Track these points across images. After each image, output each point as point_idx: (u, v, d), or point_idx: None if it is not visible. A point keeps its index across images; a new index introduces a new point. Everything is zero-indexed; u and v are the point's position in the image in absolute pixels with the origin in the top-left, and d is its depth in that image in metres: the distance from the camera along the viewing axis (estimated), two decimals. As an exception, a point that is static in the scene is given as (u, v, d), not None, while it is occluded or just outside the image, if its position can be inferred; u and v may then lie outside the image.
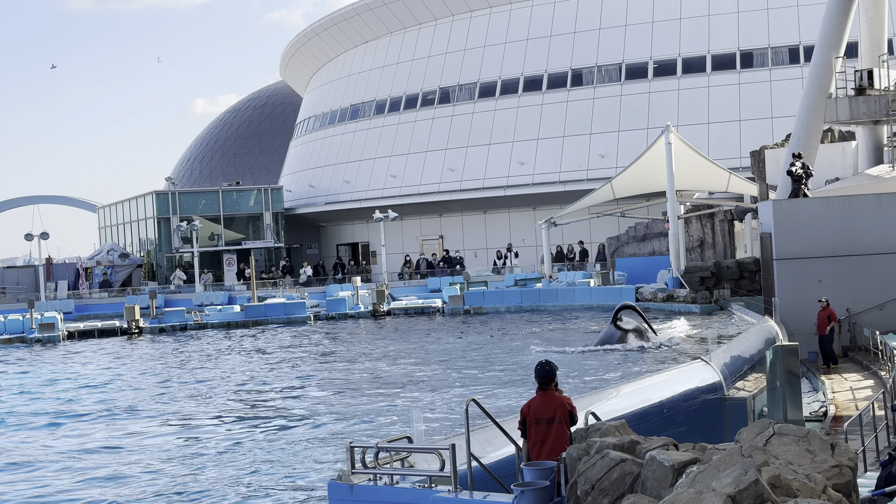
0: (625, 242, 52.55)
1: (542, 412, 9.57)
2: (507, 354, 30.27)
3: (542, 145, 58.77)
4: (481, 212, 63.17)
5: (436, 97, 64.33)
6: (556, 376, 9.80)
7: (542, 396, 9.69)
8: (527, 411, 9.68)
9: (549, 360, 9.92)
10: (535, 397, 9.76)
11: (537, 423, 9.55)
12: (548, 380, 9.73)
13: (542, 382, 9.73)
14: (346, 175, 68.20)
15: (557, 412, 9.52)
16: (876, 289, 26.37)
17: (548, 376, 9.74)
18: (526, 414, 9.68)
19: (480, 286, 49.08)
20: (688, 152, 43.19)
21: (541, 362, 9.90)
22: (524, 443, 9.73)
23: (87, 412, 24.39)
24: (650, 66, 57.13)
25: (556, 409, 9.54)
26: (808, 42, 47.95)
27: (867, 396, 19.37)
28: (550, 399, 9.66)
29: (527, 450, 9.65)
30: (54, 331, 42.63)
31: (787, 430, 8.10)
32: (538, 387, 9.76)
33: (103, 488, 16.79)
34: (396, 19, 67.44)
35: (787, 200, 28.75)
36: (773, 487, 6.87)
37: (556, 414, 9.52)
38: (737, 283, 39.51)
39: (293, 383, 27.36)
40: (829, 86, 32.46)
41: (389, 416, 21.24)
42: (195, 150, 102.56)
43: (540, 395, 9.72)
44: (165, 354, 36.26)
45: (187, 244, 63.10)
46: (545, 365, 9.82)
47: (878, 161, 33.64)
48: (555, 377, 9.79)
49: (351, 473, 9.84)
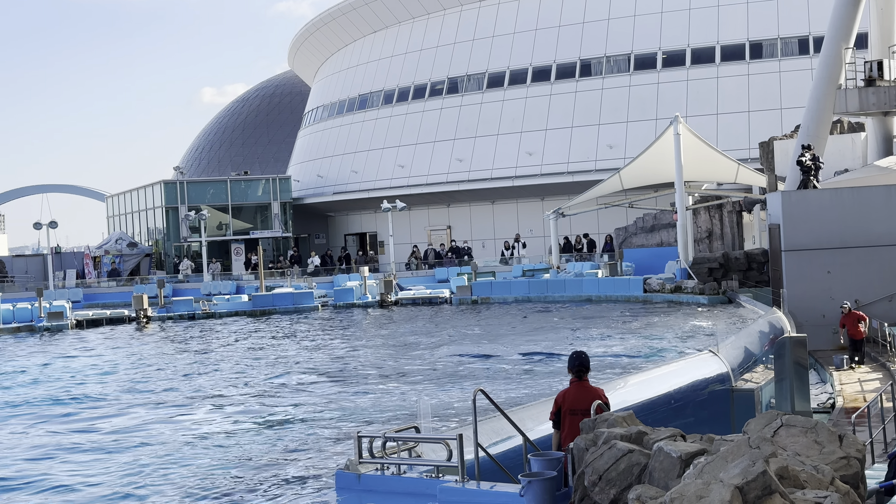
0: (633, 233, 52.49)
1: (579, 403, 9.49)
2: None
3: (550, 136, 58.69)
4: (489, 202, 63.13)
5: (444, 87, 64.26)
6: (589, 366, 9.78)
7: (578, 387, 9.62)
8: (561, 401, 9.59)
9: (583, 350, 9.90)
10: (569, 387, 9.68)
11: (573, 413, 9.46)
12: (585, 369, 9.67)
13: (579, 372, 9.66)
14: (354, 165, 68.19)
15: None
16: (885, 280, 26.28)
17: (585, 365, 9.68)
18: (561, 404, 9.59)
19: (488, 276, 49.07)
20: (696, 143, 43.10)
21: (577, 351, 9.84)
22: (556, 434, 9.65)
23: (92, 400, 24.45)
24: (659, 56, 56.99)
25: (593, 401, 9.49)
26: (818, 33, 47.77)
27: (875, 388, 19.34)
28: (587, 390, 9.60)
29: (558, 441, 9.57)
30: (62, 319, 42.73)
31: (795, 421, 8.09)
32: (574, 377, 9.69)
33: (107, 481, 16.82)
34: (405, 9, 67.35)
35: (796, 192, 28.67)
36: (781, 478, 6.87)
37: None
38: (745, 274, 39.45)
39: (300, 373, 27.39)
40: (839, 77, 32.35)
41: (398, 407, 21.27)
42: (203, 140, 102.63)
43: (576, 385, 9.64)
44: (172, 343, 36.33)
45: (195, 233, 63.18)
46: (581, 354, 9.76)
47: (888, 152, 33.52)
48: (589, 367, 9.76)
49: (358, 463, 9.86)
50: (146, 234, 70.05)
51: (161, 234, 67.28)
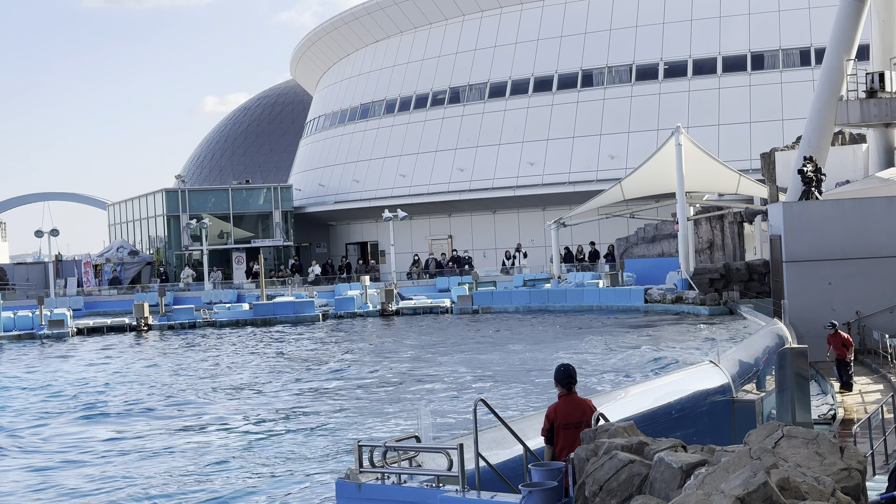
0: (634, 244, 52.48)
1: (570, 417, 9.46)
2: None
3: (552, 146, 58.73)
4: (490, 212, 63.15)
5: (446, 97, 64.34)
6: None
7: (567, 401, 9.57)
8: (554, 416, 9.54)
9: (569, 363, 9.87)
10: (560, 402, 9.62)
11: (566, 427, 9.42)
12: (573, 381, 9.63)
13: (568, 385, 9.62)
14: (355, 174, 68.24)
15: (586, 416, 9.44)
16: (886, 291, 26.27)
17: (573, 378, 9.63)
18: (553, 419, 9.53)
19: (489, 286, 49.06)
20: (698, 154, 43.13)
21: (563, 364, 9.79)
22: (549, 449, 9.61)
23: (91, 410, 24.44)
24: (661, 67, 57.06)
25: (585, 413, 9.45)
26: (820, 44, 47.83)
27: (876, 400, 19.32)
28: (577, 403, 9.57)
29: (551, 456, 9.50)
30: (63, 327, 42.76)
31: (796, 432, 8.08)
32: (563, 390, 9.65)
33: (106, 487, 16.81)
34: (407, 19, 67.46)
35: (798, 203, 28.68)
36: (782, 490, 6.86)
37: (585, 418, 9.42)
38: (746, 285, 39.43)
39: (299, 381, 27.37)
40: (840, 88, 32.38)
41: (398, 415, 21.25)
42: (205, 149, 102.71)
43: (565, 399, 9.60)
44: (172, 352, 36.32)
45: (196, 242, 63.20)
46: (568, 367, 9.71)
47: (889, 164, 33.54)
48: (576, 379, 9.73)
49: (359, 472, 9.84)
50: (147, 243, 70.09)
51: (162, 242, 67.31)
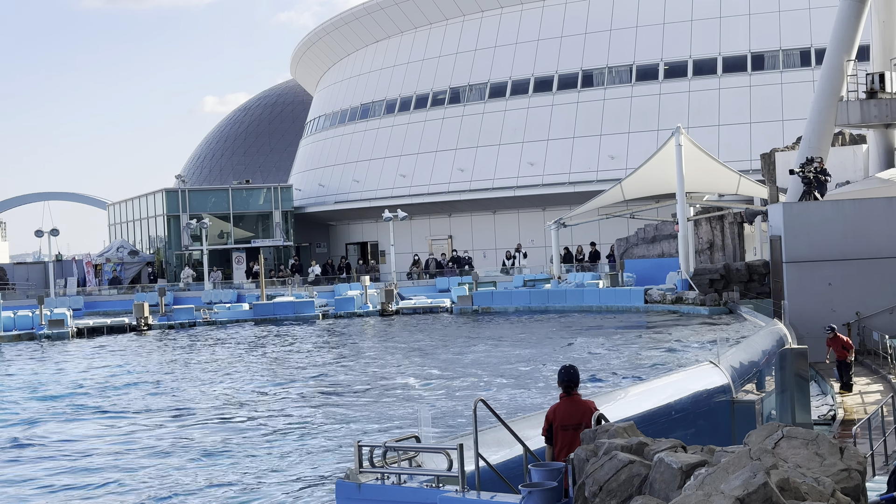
0: (634, 244, 52.48)
1: (569, 418, 9.46)
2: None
3: (552, 146, 58.74)
4: (491, 212, 63.16)
5: (446, 97, 64.34)
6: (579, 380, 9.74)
7: (568, 402, 9.57)
8: (553, 417, 9.55)
9: (573, 365, 9.87)
10: (560, 403, 9.63)
11: (564, 429, 9.43)
12: (574, 384, 9.62)
13: (569, 387, 9.61)
14: (355, 174, 68.24)
15: (585, 417, 9.43)
16: (886, 292, 26.26)
17: (574, 380, 9.62)
18: (552, 420, 9.54)
19: (489, 286, 49.07)
20: (698, 154, 43.12)
21: (566, 366, 9.77)
22: (549, 449, 9.62)
23: (92, 409, 24.44)
24: (661, 67, 57.06)
25: (584, 415, 9.45)
26: (820, 45, 47.83)
27: (876, 400, 19.33)
28: (577, 404, 9.57)
29: (551, 457, 9.51)
30: (63, 327, 42.73)
31: (796, 433, 8.08)
32: (563, 391, 9.64)
33: (105, 489, 16.80)
34: (407, 19, 67.46)
35: (798, 203, 28.68)
36: (782, 490, 6.86)
37: (584, 419, 9.41)
38: (746, 285, 39.43)
39: (299, 381, 27.38)
40: (841, 89, 32.38)
41: (400, 416, 21.25)
42: (205, 149, 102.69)
43: (565, 400, 9.59)
44: (173, 351, 36.31)
45: (197, 242, 63.20)
46: (570, 368, 9.70)
47: (889, 164, 33.54)
48: (579, 381, 9.74)
49: (359, 472, 9.84)
50: (147, 243, 70.09)
51: (162, 242, 67.30)
